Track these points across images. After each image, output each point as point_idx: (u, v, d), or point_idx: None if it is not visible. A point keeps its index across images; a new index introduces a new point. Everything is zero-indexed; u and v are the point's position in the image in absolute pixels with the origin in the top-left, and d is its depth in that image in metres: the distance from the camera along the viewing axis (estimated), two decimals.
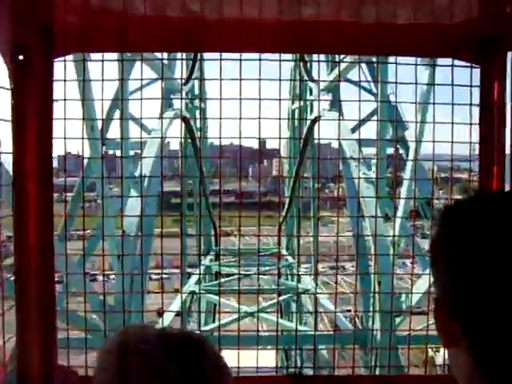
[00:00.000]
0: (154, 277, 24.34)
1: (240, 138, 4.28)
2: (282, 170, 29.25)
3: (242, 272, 17.62)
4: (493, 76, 3.51)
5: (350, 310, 16.84)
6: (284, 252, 27.41)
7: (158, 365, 1.48)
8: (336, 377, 4.38)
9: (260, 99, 3.88)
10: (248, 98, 3.92)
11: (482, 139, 3.58)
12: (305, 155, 21.56)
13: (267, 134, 4.92)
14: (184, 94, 20.41)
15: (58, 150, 3.76)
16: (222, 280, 19.92)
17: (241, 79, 3.85)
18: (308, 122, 20.76)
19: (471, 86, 3.74)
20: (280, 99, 3.99)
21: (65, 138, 3.64)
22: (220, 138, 4.23)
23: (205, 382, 1.51)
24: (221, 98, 3.96)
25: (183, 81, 19.17)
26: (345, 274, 30.49)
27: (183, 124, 18.03)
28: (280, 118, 4.15)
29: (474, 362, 1.26)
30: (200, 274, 20.47)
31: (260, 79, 3.85)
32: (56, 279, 3.54)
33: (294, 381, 3.84)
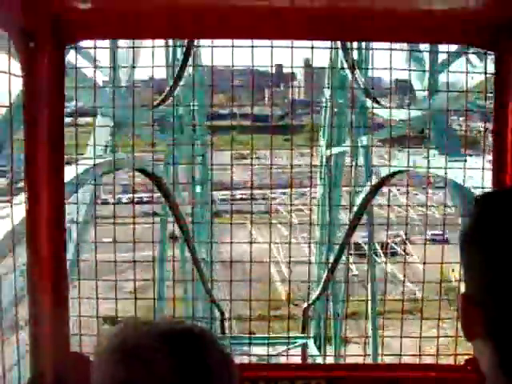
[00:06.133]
0: None
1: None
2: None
3: None
4: (508, 62, 3.46)
5: None
6: (313, 349, 21.61)
7: (160, 371, 1.45)
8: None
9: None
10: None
11: (497, 125, 3.55)
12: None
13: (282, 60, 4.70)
14: None
15: None
16: None
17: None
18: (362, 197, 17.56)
19: (486, 72, 3.79)
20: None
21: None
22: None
23: (212, 379, 1.50)
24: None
25: None
26: None
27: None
28: (293, 47, 4.23)
29: (497, 356, 1.30)
30: None
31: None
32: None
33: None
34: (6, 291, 3.89)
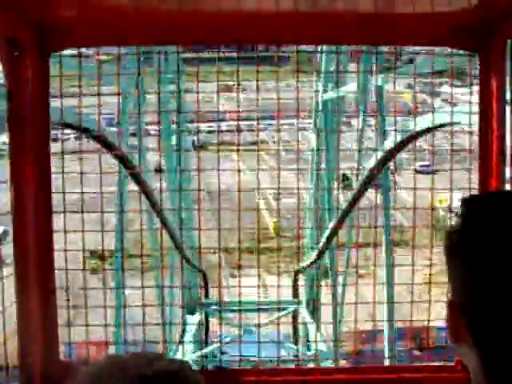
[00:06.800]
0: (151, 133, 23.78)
1: None
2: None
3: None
4: (492, 64, 3.55)
5: None
6: (303, 310, 20.22)
7: None
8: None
9: None
10: None
11: (482, 126, 3.64)
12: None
13: None
14: None
15: None
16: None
17: None
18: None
19: (471, 75, 3.96)
20: None
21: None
22: None
23: None
24: None
25: None
26: None
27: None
28: None
29: (478, 361, 1.35)
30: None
31: None
32: None
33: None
34: None
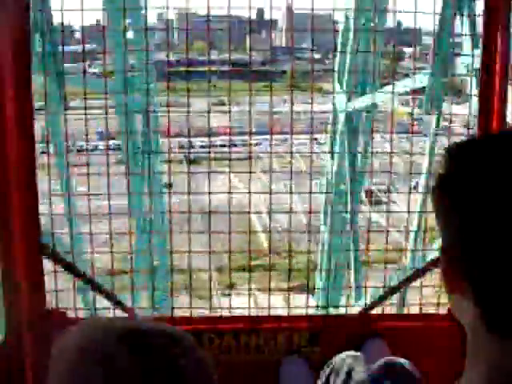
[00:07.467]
0: None
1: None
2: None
3: None
4: (496, 23, 3.49)
5: None
6: None
7: (124, 375, 1.29)
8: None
9: None
10: None
11: (484, 84, 3.65)
12: None
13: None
14: None
15: None
16: None
17: None
18: None
19: (474, 34, 4.11)
20: None
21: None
22: None
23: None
24: None
25: None
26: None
27: None
28: None
29: (476, 309, 1.31)
30: None
31: None
32: None
33: None
34: None
